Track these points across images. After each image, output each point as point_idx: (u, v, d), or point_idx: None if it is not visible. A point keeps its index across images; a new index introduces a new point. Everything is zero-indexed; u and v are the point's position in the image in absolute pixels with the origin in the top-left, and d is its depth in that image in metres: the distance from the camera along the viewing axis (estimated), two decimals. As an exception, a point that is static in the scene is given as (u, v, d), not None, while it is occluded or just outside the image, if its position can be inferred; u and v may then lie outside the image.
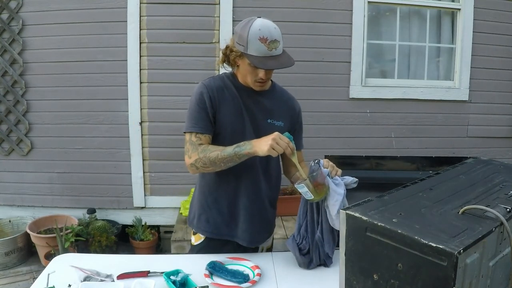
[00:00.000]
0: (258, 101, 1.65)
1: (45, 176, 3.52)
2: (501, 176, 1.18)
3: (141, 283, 1.33)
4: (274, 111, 1.67)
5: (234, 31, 1.57)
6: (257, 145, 1.45)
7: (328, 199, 1.48)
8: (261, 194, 1.71)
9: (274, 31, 1.48)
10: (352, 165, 1.96)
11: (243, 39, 1.48)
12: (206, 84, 1.61)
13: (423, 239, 0.81)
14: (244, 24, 1.51)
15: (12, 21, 3.30)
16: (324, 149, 3.27)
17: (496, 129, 3.75)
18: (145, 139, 3.50)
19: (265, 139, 1.45)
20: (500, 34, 3.61)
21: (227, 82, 1.65)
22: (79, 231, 3.23)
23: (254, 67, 1.52)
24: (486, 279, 0.88)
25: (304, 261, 1.57)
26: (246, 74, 1.57)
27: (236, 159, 1.49)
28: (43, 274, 1.45)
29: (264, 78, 1.56)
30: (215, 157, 1.50)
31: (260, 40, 1.46)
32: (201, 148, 1.54)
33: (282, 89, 1.77)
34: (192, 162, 1.56)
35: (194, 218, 1.75)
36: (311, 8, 3.42)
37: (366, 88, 3.54)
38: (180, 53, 3.40)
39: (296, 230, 1.60)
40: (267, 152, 1.42)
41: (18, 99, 3.39)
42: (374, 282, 0.91)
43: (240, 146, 1.48)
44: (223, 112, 1.59)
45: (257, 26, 1.47)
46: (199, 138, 1.57)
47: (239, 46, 1.52)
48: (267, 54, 1.48)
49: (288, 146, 1.44)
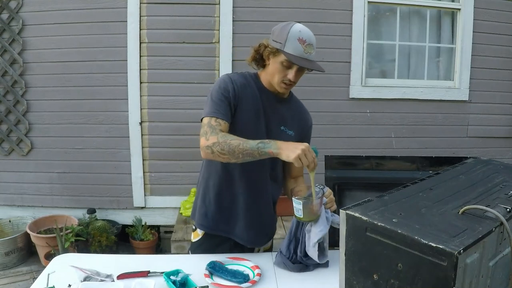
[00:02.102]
0: (275, 106, 1.65)
1: (45, 176, 3.52)
2: (501, 176, 1.18)
3: (141, 283, 1.33)
4: (288, 120, 1.67)
5: (272, 31, 1.57)
6: (284, 148, 1.41)
7: (314, 226, 1.48)
8: (267, 195, 1.70)
9: (312, 37, 1.52)
10: (352, 165, 1.96)
11: (282, 37, 1.50)
12: (232, 77, 1.61)
13: (423, 239, 0.81)
14: (284, 25, 1.54)
15: (12, 21, 3.30)
16: (324, 149, 3.25)
17: (496, 129, 3.75)
18: (145, 139, 3.50)
19: (294, 145, 1.42)
20: (500, 34, 3.61)
21: (250, 81, 1.64)
22: (79, 231, 3.23)
23: (285, 67, 1.53)
24: (486, 279, 0.88)
25: (299, 267, 1.56)
26: (274, 73, 1.57)
27: (256, 154, 1.44)
28: (43, 274, 1.45)
29: (292, 80, 1.55)
30: (235, 146, 1.44)
31: (299, 41, 1.48)
32: (221, 133, 1.50)
33: (299, 101, 1.78)
34: (209, 145, 1.48)
35: (195, 211, 1.76)
36: (311, 8, 3.42)
37: (366, 88, 3.54)
38: (180, 53, 3.40)
39: (285, 247, 1.59)
40: (293, 160, 1.38)
41: (18, 99, 3.39)
42: (374, 282, 0.91)
43: (265, 143, 1.44)
44: (242, 108, 1.59)
45: (298, 28, 1.51)
46: (219, 123, 1.52)
47: (275, 44, 1.52)
48: (301, 55, 1.50)
49: (314, 161, 1.41)
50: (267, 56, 1.57)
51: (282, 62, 1.52)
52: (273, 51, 1.54)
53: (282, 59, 1.52)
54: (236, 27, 3.35)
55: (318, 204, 1.46)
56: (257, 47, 1.61)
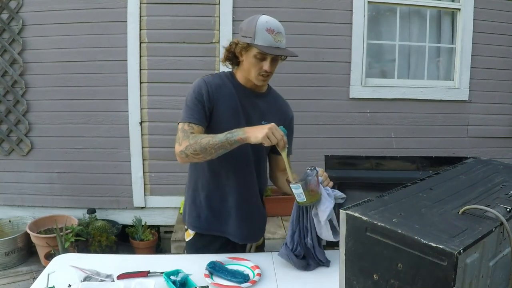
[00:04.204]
0: (254, 102, 1.67)
1: (45, 176, 3.52)
2: (501, 176, 1.18)
3: (141, 283, 1.33)
4: (268, 114, 1.69)
5: (239, 29, 1.60)
6: (250, 132, 1.45)
7: (319, 206, 1.49)
8: (254, 191, 1.73)
9: (279, 25, 1.55)
10: (352, 165, 1.96)
11: (250, 31, 1.52)
12: (206, 80, 1.63)
13: (423, 239, 0.81)
14: (250, 19, 1.56)
15: (12, 21, 3.30)
16: (324, 149, 3.27)
17: (496, 129, 3.75)
18: (145, 139, 3.50)
19: (260, 127, 1.46)
20: (500, 34, 3.61)
21: (226, 81, 1.66)
22: (79, 231, 3.23)
23: (259, 59, 1.55)
24: (486, 279, 0.88)
25: (302, 264, 1.56)
26: (250, 67, 1.58)
27: (227, 145, 1.48)
28: (43, 274, 1.45)
29: (268, 70, 1.57)
30: (206, 143, 1.48)
31: (267, 31, 1.51)
32: (192, 135, 1.53)
33: (278, 94, 1.80)
34: (182, 149, 1.53)
35: (185, 213, 1.78)
36: (311, 8, 3.42)
37: (366, 88, 3.54)
38: (180, 53, 3.40)
39: (289, 237, 1.58)
40: (261, 139, 1.41)
41: (18, 99, 3.38)
42: (374, 282, 0.91)
43: (232, 132, 1.48)
44: (220, 109, 1.61)
45: (264, 19, 1.53)
46: (191, 127, 1.56)
47: (245, 39, 1.54)
48: (273, 45, 1.52)
49: (282, 138, 1.45)
50: (240, 53, 1.59)
51: (255, 55, 1.54)
52: (244, 46, 1.55)
53: (254, 52, 1.53)
54: (236, 27, 3.34)
55: (316, 182, 1.47)
56: (228, 46, 1.63)
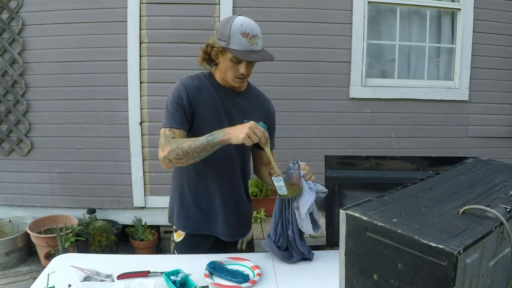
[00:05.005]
0: (235, 101, 1.68)
1: (45, 176, 3.51)
2: (501, 176, 1.18)
3: (141, 283, 1.33)
4: (250, 111, 1.70)
5: (216, 29, 1.58)
6: (231, 133, 1.46)
7: (300, 199, 1.51)
8: (240, 190, 1.74)
9: (255, 27, 1.52)
10: (352, 165, 1.96)
11: (225, 34, 1.50)
12: (185, 82, 1.62)
13: (423, 239, 0.81)
14: (225, 21, 1.53)
15: (12, 21, 3.30)
16: (324, 149, 3.27)
17: (496, 129, 3.75)
18: (145, 139, 3.50)
19: (240, 127, 1.46)
20: (500, 34, 3.61)
21: (205, 82, 1.66)
22: (79, 231, 3.23)
23: (235, 63, 1.54)
24: (486, 279, 0.88)
25: (285, 256, 1.59)
26: (226, 70, 1.58)
27: (209, 148, 1.49)
28: (43, 274, 1.45)
29: (245, 74, 1.57)
30: (187, 147, 1.49)
31: (242, 35, 1.48)
32: (173, 140, 1.54)
33: (258, 90, 1.80)
34: (165, 155, 1.54)
35: (173, 215, 1.78)
36: (311, 8, 3.42)
37: (366, 88, 3.54)
38: (180, 53, 3.39)
39: (272, 229, 1.62)
40: (242, 140, 1.42)
41: (18, 99, 3.38)
42: (374, 282, 0.91)
43: (213, 134, 1.49)
44: (201, 111, 1.61)
45: (239, 22, 1.50)
46: (173, 132, 1.57)
47: (221, 42, 1.53)
48: (248, 49, 1.50)
49: (264, 135, 1.46)
50: (216, 56, 1.59)
51: (231, 59, 1.53)
52: (219, 50, 1.55)
53: (230, 56, 1.52)
54: (236, 27, 3.35)
55: (297, 176, 1.48)
56: (204, 48, 1.62)
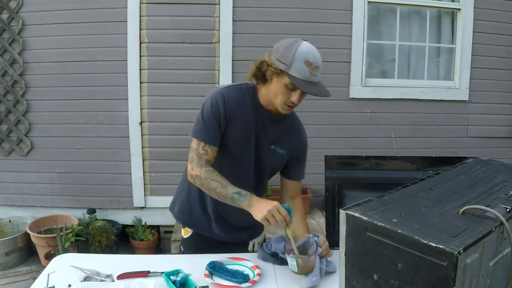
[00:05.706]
0: (268, 124, 1.60)
1: (45, 176, 3.51)
2: (501, 176, 1.18)
3: (141, 283, 1.33)
4: (280, 138, 1.63)
5: (275, 49, 1.48)
6: (255, 206, 1.42)
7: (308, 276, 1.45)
8: None
9: (319, 58, 1.45)
10: (352, 165, 1.96)
11: (287, 58, 1.42)
12: (225, 93, 1.53)
13: (423, 239, 0.81)
14: (289, 43, 1.45)
15: (12, 21, 3.29)
16: (324, 149, 3.25)
17: (496, 129, 3.75)
18: (145, 139, 3.50)
19: (264, 204, 1.42)
20: (500, 34, 3.61)
21: (246, 96, 1.57)
22: (79, 231, 3.23)
23: (289, 89, 1.45)
24: (486, 279, 0.88)
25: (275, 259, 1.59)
26: (277, 94, 1.48)
27: (230, 202, 1.48)
28: (43, 274, 1.45)
29: (296, 103, 1.49)
30: (213, 188, 1.48)
31: (305, 63, 1.41)
32: (206, 168, 1.51)
33: (297, 120, 1.71)
34: (192, 175, 1.54)
35: (175, 205, 1.77)
36: (311, 8, 3.42)
37: (366, 88, 3.54)
38: (180, 53, 3.40)
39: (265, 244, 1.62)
40: (260, 220, 1.41)
41: (18, 99, 3.38)
42: (374, 282, 0.91)
43: (241, 195, 1.45)
44: (234, 126, 1.55)
45: (305, 48, 1.43)
46: (206, 152, 1.52)
47: (280, 64, 1.44)
48: (307, 79, 1.42)
49: (285, 219, 1.41)
50: (270, 76, 1.48)
51: (286, 84, 1.44)
52: (277, 72, 1.45)
53: (286, 81, 1.44)
54: (236, 27, 3.35)
55: (313, 258, 1.44)
56: (259, 63, 1.51)
